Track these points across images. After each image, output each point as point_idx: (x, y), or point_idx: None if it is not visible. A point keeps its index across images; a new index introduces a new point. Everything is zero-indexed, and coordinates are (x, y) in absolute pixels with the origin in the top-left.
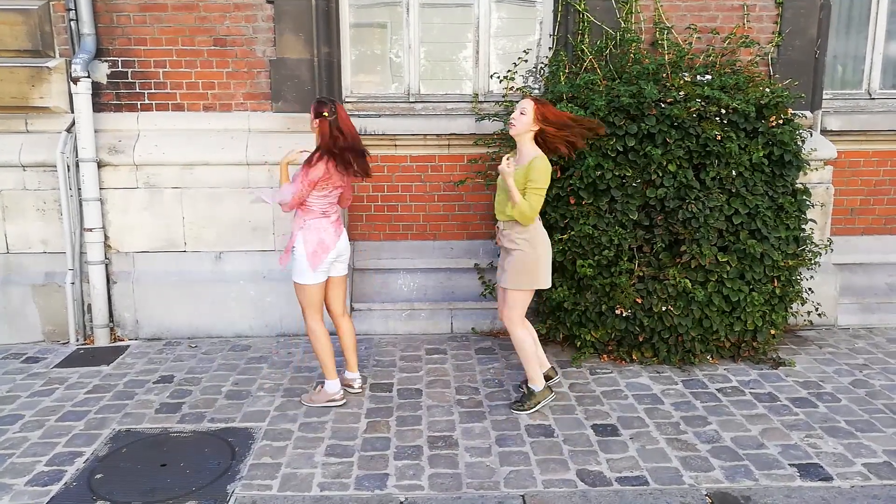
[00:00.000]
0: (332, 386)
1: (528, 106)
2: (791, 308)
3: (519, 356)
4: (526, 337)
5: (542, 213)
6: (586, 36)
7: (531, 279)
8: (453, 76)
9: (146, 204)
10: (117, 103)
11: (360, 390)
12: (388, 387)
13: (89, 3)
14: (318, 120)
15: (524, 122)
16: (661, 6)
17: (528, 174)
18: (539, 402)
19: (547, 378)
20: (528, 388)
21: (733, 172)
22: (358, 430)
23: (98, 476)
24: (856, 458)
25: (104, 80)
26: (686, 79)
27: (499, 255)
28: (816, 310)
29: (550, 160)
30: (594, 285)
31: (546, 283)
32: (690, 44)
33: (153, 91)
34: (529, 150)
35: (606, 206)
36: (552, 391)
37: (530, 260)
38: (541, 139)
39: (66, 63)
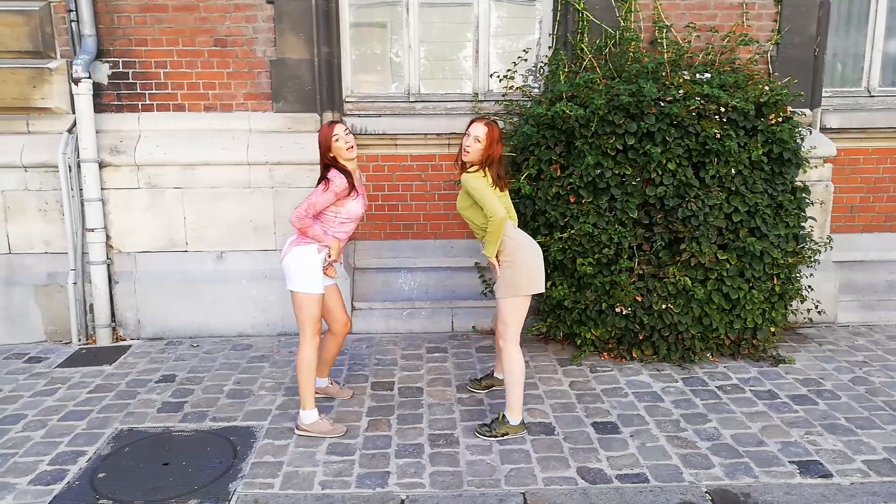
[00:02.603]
0: (310, 416)
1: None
2: (791, 306)
3: (505, 380)
4: (520, 360)
5: (542, 212)
6: (585, 35)
7: (515, 289)
8: (453, 75)
9: (148, 204)
10: (118, 104)
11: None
12: (390, 385)
13: (90, 4)
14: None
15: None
16: (661, 5)
17: (469, 194)
18: (508, 435)
19: (490, 387)
20: (503, 415)
21: (733, 170)
22: (359, 428)
23: (101, 475)
24: (855, 455)
25: (105, 81)
26: (685, 77)
27: None
28: (816, 307)
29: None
30: (594, 283)
31: (536, 288)
32: (689, 42)
33: (154, 91)
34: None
35: (606, 205)
36: (525, 428)
37: (511, 273)
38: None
39: (67, 64)
